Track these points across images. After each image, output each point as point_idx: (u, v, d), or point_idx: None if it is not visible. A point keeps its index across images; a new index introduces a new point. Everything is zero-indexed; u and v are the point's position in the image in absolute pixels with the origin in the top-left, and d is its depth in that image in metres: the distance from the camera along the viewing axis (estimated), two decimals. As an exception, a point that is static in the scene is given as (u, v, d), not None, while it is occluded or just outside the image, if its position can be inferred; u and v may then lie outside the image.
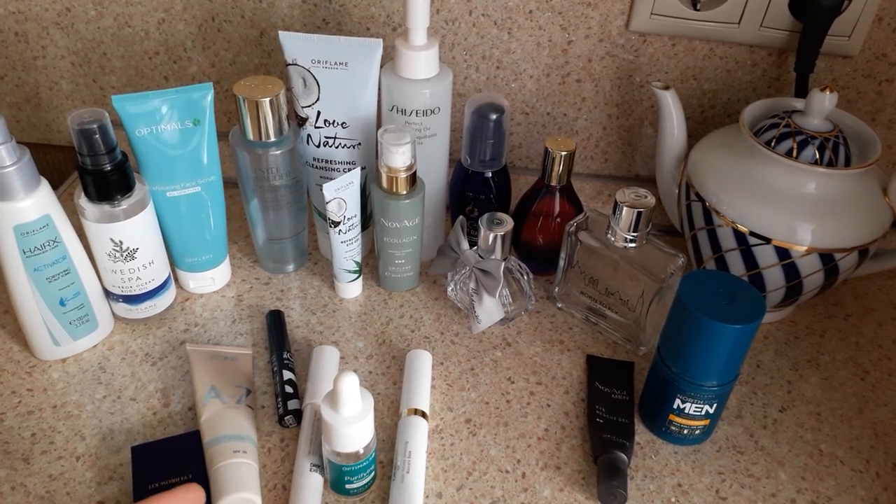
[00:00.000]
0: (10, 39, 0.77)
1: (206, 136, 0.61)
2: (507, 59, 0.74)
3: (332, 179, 0.61)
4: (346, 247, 0.65)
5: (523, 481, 0.55)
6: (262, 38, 0.75)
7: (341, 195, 0.62)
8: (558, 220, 0.69)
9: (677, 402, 0.55)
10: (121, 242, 0.59)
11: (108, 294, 0.63)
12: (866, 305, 0.72)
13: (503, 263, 0.62)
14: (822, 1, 0.64)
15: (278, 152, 0.63)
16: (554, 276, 0.69)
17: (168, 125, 0.59)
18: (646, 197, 0.61)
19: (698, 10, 0.68)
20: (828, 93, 0.59)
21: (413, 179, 0.63)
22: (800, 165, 0.58)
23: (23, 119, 0.83)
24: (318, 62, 0.62)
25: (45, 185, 0.55)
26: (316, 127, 0.66)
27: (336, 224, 0.63)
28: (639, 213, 0.60)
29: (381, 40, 0.62)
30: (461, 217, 0.65)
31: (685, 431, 0.57)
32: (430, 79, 0.63)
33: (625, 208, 0.60)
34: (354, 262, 0.67)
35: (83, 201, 0.58)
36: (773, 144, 0.61)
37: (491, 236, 0.62)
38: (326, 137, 0.66)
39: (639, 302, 0.62)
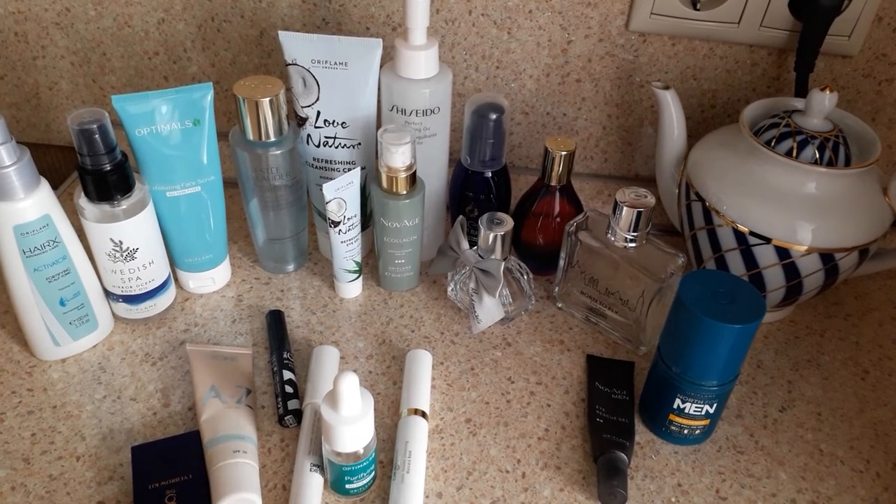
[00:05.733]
0: (10, 39, 0.77)
1: (206, 136, 0.61)
2: (506, 59, 0.74)
3: (332, 179, 0.61)
4: (346, 247, 0.65)
5: (523, 481, 0.55)
6: (262, 38, 0.75)
7: (341, 195, 0.62)
8: (558, 219, 0.69)
9: (677, 401, 0.55)
10: (121, 242, 0.59)
11: (108, 294, 0.63)
12: (866, 305, 0.72)
13: (503, 263, 0.62)
14: (822, 1, 0.64)
15: (278, 152, 0.63)
16: (554, 276, 0.69)
17: (168, 125, 0.59)
18: (646, 197, 0.61)
19: (698, 10, 0.68)
20: (828, 92, 0.59)
21: (413, 179, 0.63)
22: (800, 165, 0.58)
23: (23, 119, 0.83)
24: (318, 62, 0.62)
25: (45, 185, 0.55)
26: (316, 127, 0.66)
27: (336, 224, 0.63)
28: (639, 213, 0.60)
29: (380, 40, 0.62)
30: (461, 217, 0.65)
31: (685, 431, 0.57)
32: (429, 79, 0.63)
33: (625, 208, 0.60)
34: (354, 262, 0.67)
35: (83, 201, 0.58)
36: (773, 144, 0.61)
37: (491, 236, 0.62)
38: (326, 137, 0.66)
39: (639, 302, 0.62)
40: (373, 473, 0.53)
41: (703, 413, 0.56)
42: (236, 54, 0.76)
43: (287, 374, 0.59)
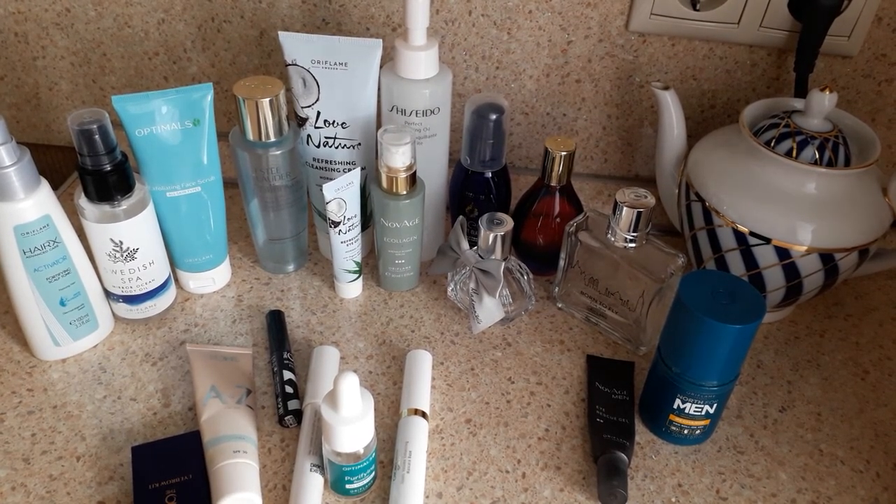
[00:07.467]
0: (10, 40, 0.77)
1: (206, 136, 0.61)
2: (506, 59, 0.74)
3: (332, 179, 0.61)
4: (346, 247, 0.66)
5: (523, 481, 0.55)
6: (262, 38, 0.75)
7: (341, 195, 0.62)
8: (558, 220, 0.69)
9: (677, 402, 0.55)
10: (121, 243, 0.59)
11: (108, 294, 0.63)
12: (866, 305, 0.72)
13: (503, 263, 0.62)
14: (822, 1, 0.64)
15: (278, 152, 0.63)
16: (554, 276, 0.69)
17: (168, 125, 0.59)
18: (646, 197, 0.61)
19: (698, 10, 0.68)
20: (827, 93, 0.59)
21: (413, 179, 0.63)
22: (800, 165, 0.58)
23: (23, 119, 0.83)
24: (318, 62, 0.62)
25: (45, 186, 0.55)
26: (316, 127, 0.66)
27: (336, 224, 0.63)
28: (639, 213, 0.60)
29: (380, 40, 0.62)
30: (461, 217, 0.65)
31: (685, 431, 0.57)
32: (429, 79, 0.63)
33: (625, 208, 0.60)
34: (354, 262, 0.67)
35: (83, 201, 0.58)
36: (772, 144, 0.61)
37: (491, 236, 0.62)
38: (326, 137, 0.66)
39: (639, 302, 0.62)
40: (373, 473, 0.53)
41: (703, 413, 0.56)
42: (236, 55, 0.76)
43: (287, 375, 0.59)
